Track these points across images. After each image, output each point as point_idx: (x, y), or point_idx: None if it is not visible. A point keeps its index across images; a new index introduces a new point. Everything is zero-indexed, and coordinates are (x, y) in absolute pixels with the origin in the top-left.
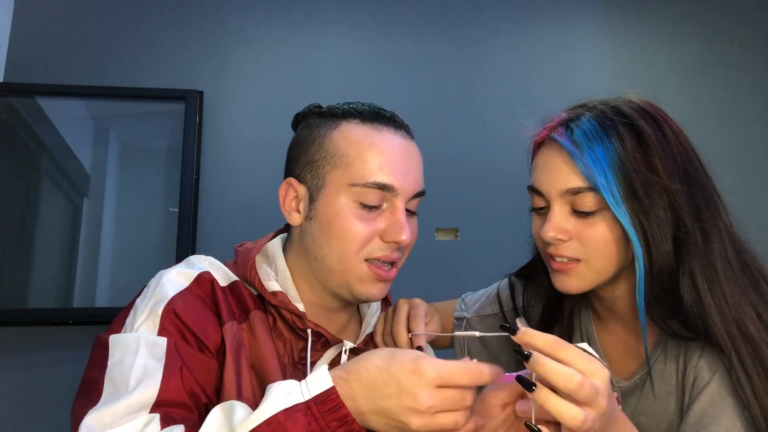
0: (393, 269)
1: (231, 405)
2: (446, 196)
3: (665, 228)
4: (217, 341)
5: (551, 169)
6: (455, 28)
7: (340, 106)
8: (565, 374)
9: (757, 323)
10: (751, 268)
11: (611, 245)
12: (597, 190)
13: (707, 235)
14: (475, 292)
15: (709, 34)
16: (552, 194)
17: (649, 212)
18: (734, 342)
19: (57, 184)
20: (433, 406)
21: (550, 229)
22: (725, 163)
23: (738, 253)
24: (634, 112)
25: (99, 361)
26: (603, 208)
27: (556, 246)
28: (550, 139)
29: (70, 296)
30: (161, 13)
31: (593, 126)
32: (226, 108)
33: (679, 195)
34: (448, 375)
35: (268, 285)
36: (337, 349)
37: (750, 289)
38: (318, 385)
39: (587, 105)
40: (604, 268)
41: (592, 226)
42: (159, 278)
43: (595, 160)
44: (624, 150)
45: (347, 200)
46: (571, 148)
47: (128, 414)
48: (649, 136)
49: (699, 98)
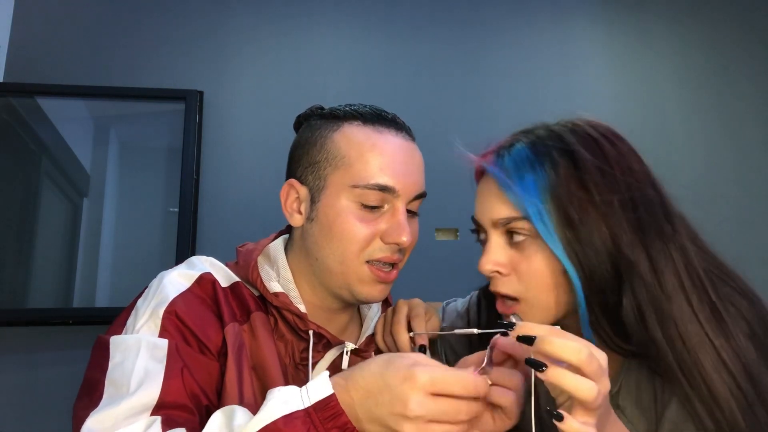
0: (394, 271)
1: (232, 409)
2: (446, 196)
3: (603, 257)
4: (219, 343)
5: (484, 199)
6: (455, 30)
7: (342, 108)
8: (574, 347)
9: (715, 361)
10: (713, 301)
11: (549, 278)
12: (528, 219)
13: (656, 265)
14: (457, 300)
15: (710, 34)
16: (486, 224)
17: (584, 241)
18: (689, 381)
19: (57, 184)
20: (424, 416)
21: (487, 262)
22: (725, 163)
23: (699, 284)
24: (574, 136)
25: (100, 363)
26: (537, 237)
27: (494, 281)
28: (483, 168)
29: (70, 296)
30: (161, 14)
31: (525, 153)
32: (226, 108)
33: (620, 219)
34: (442, 383)
35: (270, 286)
36: (338, 350)
37: (711, 324)
38: (318, 392)
39: (530, 130)
40: (549, 305)
41: (528, 259)
42: (160, 279)
43: (525, 188)
44: (557, 177)
45: (348, 201)
46: (500, 176)
47: (129, 416)
48: (585, 161)
49: (699, 98)
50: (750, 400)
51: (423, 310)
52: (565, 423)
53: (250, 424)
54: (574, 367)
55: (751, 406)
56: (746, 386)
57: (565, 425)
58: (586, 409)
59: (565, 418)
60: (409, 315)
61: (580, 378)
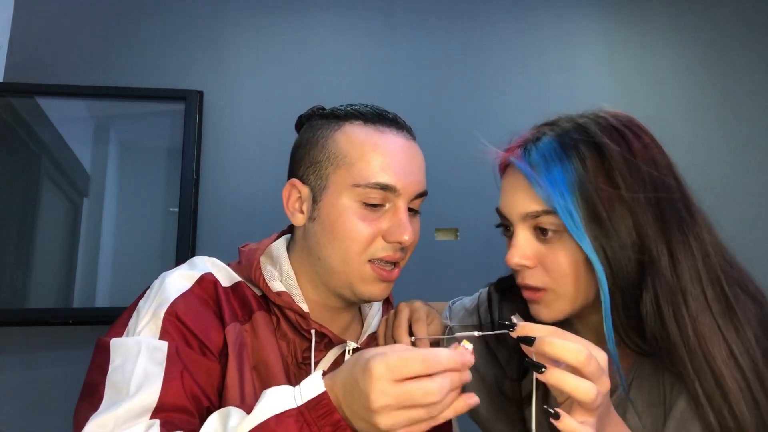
0: (395, 269)
1: (228, 411)
2: (446, 196)
3: (629, 251)
4: (220, 343)
5: (512, 193)
6: (455, 30)
7: (343, 108)
8: (573, 348)
9: (726, 358)
10: (727, 295)
11: (575, 271)
12: (556, 213)
13: (676, 257)
14: (464, 298)
15: (710, 34)
16: (514, 218)
17: (611, 235)
18: (699, 375)
19: (57, 184)
20: (390, 404)
21: (514, 255)
22: (725, 163)
23: (715, 277)
24: (599, 128)
25: (100, 366)
26: (564, 231)
27: (521, 274)
28: (509, 161)
29: (70, 296)
30: (161, 14)
31: (552, 147)
32: (226, 108)
33: (645, 212)
34: (399, 367)
35: (272, 285)
36: (340, 349)
37: (724, 318)
38: (310, 391)
39: (554, 122)
40: (574, 296)
41: (554, 252)
42: (162, 280)
43: (553, 182)
44: (584, 170)
45: (350, 201)
46: (527, 170)
47: (129, 419)
48: (612, 152)
49: (699, 98)
50: (756, 396)
51: (425, 314)
52: (562, 421)
53: (242, 423)
54: (573, 367)
55: (756, 401)
56: (754, 382)
57: (561, 424)
58: (586, 409)
59: (561, 416)
60: (410, 319)
61: (579, 379)
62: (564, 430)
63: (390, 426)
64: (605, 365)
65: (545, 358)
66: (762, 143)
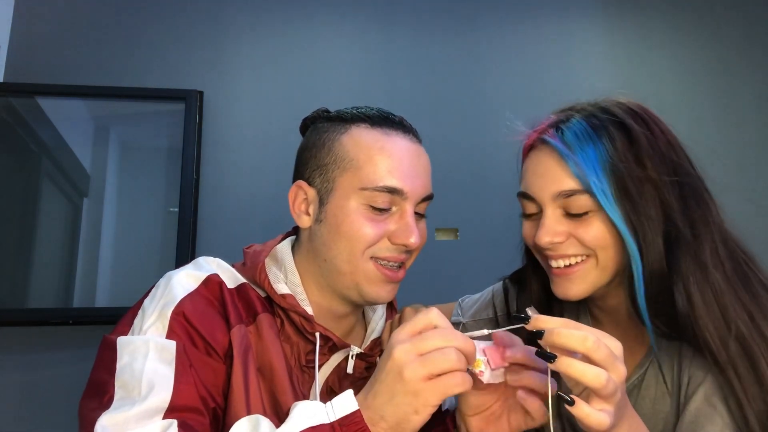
0: (401, 270)
1: (257, 419)
2: (446, 196)
3: (656, 226)
4: (225, 345)
5: (542, 172)
6: (455, 31)
7: (349, 111)
8: (579, 336)
9: (749, 325)
10: (743, 268)
11: (606, 243)
12: (590, 192)
13: (698, 232)
14: (472, 295)
15: (710, 34)
16: (544, 198)
17: (640, 211)
18: (725, 345)
19: (57, 184)
20: (409, 354)
21: (546, 234)
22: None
23: (731, 252)
24: (622, 111)
25: (107, 363)
26: (596, 209)
27: (554, 249)
28: (541, 141)
29: (70, 296)
30: (161, 14)
31: (584, 127)
32: (226, 108)
33: (669, 192)
34: (420, 340)
35: (277, 287)
36: (344, 353)
37: (742, 289)
38: (343, 408)
39: (575, 107)
40: (607, 265)
41: (585, 226)
42: (168, 279)
43: (587, 160)
44: (615, 150)
45: (357, 203)
46: (562, 149)
47: (143, 419)
48: (638, 134)
49: (699, 98)
50: None
51: None
52: (576, 407)
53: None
54: (585, 356)
55: None
56: None
57: (576, 409)
58: (601, 397)
59: (576, 402)
60: None
61: (587, 365)
62: (578, 415)
63: (412, 376)
64: (619, 353)
65: (558, 350)
66: (762, 139)
